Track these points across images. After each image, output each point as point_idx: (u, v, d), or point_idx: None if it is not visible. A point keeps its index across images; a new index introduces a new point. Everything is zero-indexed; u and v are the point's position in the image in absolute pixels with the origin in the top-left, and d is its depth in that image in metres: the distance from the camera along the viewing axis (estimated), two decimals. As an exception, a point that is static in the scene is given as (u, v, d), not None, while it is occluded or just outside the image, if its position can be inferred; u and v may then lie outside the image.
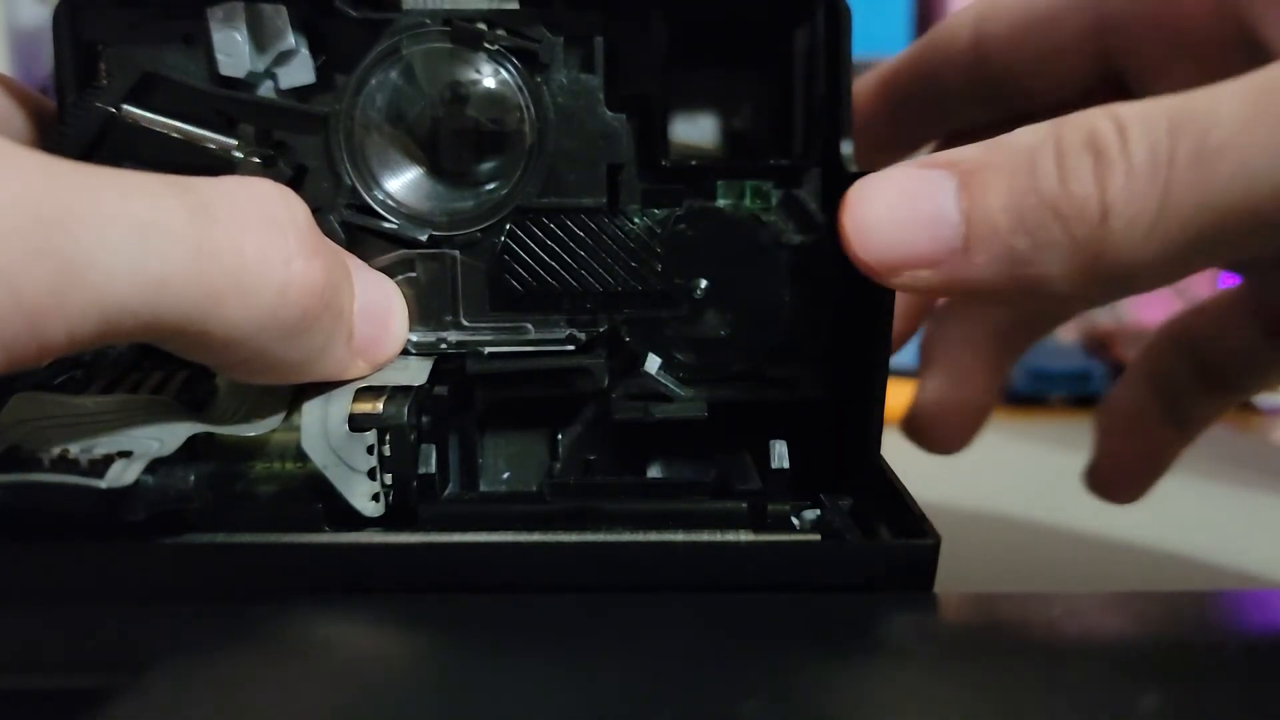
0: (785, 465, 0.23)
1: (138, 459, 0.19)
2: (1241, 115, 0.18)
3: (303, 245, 0.18)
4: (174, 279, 0.16)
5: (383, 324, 0.22)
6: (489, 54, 0.24)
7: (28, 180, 0.15)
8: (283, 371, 0.20)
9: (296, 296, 0.18)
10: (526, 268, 0.25)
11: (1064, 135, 0.19)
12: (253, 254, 0.17)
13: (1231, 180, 0.17)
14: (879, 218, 0.20)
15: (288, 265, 0.18)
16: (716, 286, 0.25)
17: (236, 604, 0.19)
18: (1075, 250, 0.19)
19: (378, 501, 0.21)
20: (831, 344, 0.25)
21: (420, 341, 0.24)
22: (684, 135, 0.27)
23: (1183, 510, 0.39)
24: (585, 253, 0.25)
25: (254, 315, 0.18)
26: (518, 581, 0.20)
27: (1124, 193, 0.18)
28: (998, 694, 0.17)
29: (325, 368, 0.21)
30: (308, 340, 0.19)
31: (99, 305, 0.16)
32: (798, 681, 0.17)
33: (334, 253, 0.20)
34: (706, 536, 0.21)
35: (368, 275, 0.22)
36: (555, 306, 0.25)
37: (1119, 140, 0.18)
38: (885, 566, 0.20)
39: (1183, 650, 0.18)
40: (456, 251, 0.25)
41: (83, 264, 0.15)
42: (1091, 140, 0.19)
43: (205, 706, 0.16)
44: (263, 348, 0.18)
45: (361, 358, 0.22)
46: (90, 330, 0.16)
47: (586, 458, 0.26)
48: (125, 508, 0.19)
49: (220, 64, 0.24)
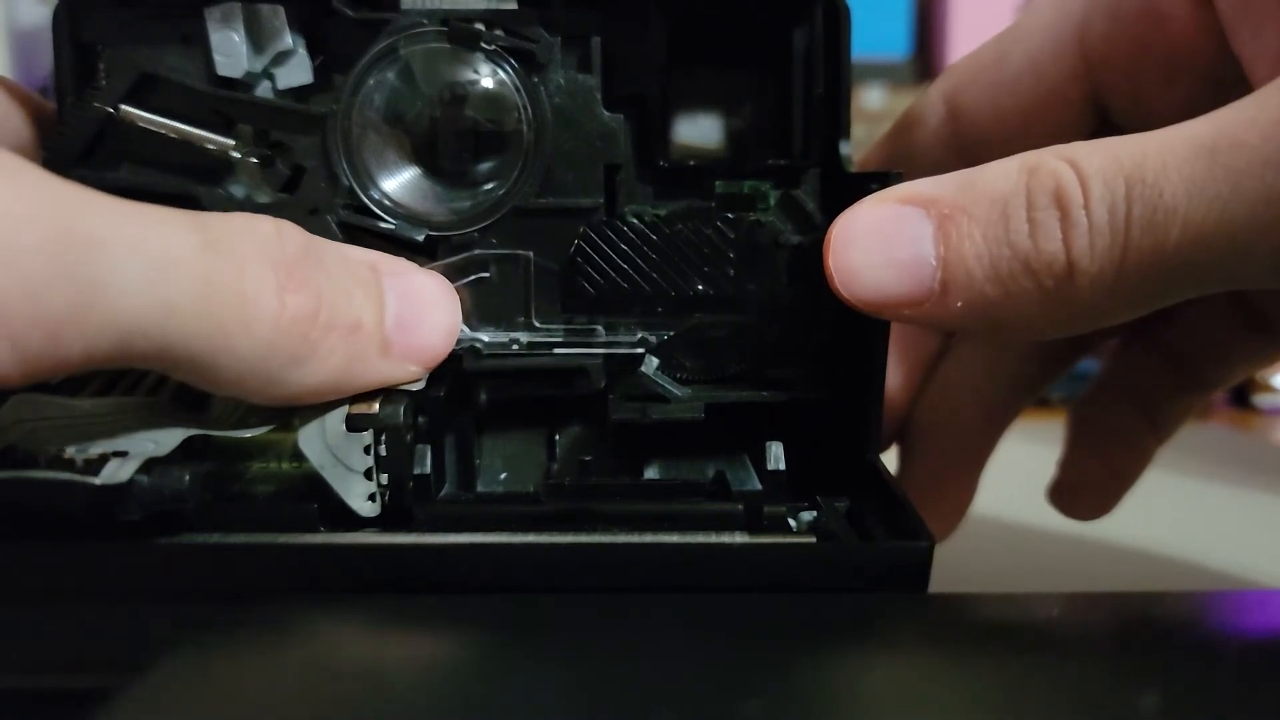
0: (781, 466, 0.23)
1: (133, 458, 0.19)
2: (1188, 177, 0.19)
3: (291, 278, 0.19)
4: (183, 308, 0.17)
5: (425, 327, 0.23)
6: (486, 54, 0.24)
7: (58, 203, 0.16)
8: (317, 392, 0.21)
9: (290, 325, 0.19)
10: (599, 270, 0.25)
11: (1033, 187, 0.20)
12: (250, 288, 0.19)
13: (1180, 243, 0.19)
14: (861, 262, 0.21)
15: (280, 297, 0.19)
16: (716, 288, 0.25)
17: (232, 603, 0.19)
18: (1044, 300, 0.20)
19: (374, 502, 0.21)
20: (829, 346, 0.25)
21: (492, 341, 0.25)
22: (683, 135, 0.27)
23: (1183, 510, 0.39)
24: (658, 256, 0.25)
25: (257, 345, 0.19)
26: (512, 582, 0.20)
27: (1087, 252, 0.19)
28: (996, 694, 0.16)
29: (365, 380, 0.21)
30: (323, 363, 0.20)
31: (115, 325, 0.17)
32: (791, 682, 0.17)
33: (343, 275, 0.21)
34: (702, 538, 0.21)
35: (408, 279, 0.23)
36: (627, 310, 0.25)
37: (1081, 198, 0.19)
38: (880, 568, 0.20)
39: (1183, 650, 0.18)
40: (530, 253, 0.25)
41: (102, 285, 0.16)
42: (1058, 195, 0.20)
43: (199, 706, 0.16)
44: (275, 375, 0.19)
45: (409, 362, 0.22)
46: (106, 349, 0.17)
47: (583, 458, 0.26)
48: (120, 507, 0.19)
49: (218, 64, 0.24)
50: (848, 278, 0.21)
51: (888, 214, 0.21)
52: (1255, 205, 0.18)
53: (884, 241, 0.21)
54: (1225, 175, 0.18)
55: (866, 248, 0.21)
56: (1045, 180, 0.20)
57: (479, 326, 0.25)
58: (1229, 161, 0.18)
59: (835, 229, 0.22)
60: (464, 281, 0.25)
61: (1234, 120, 0.19)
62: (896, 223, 0.21)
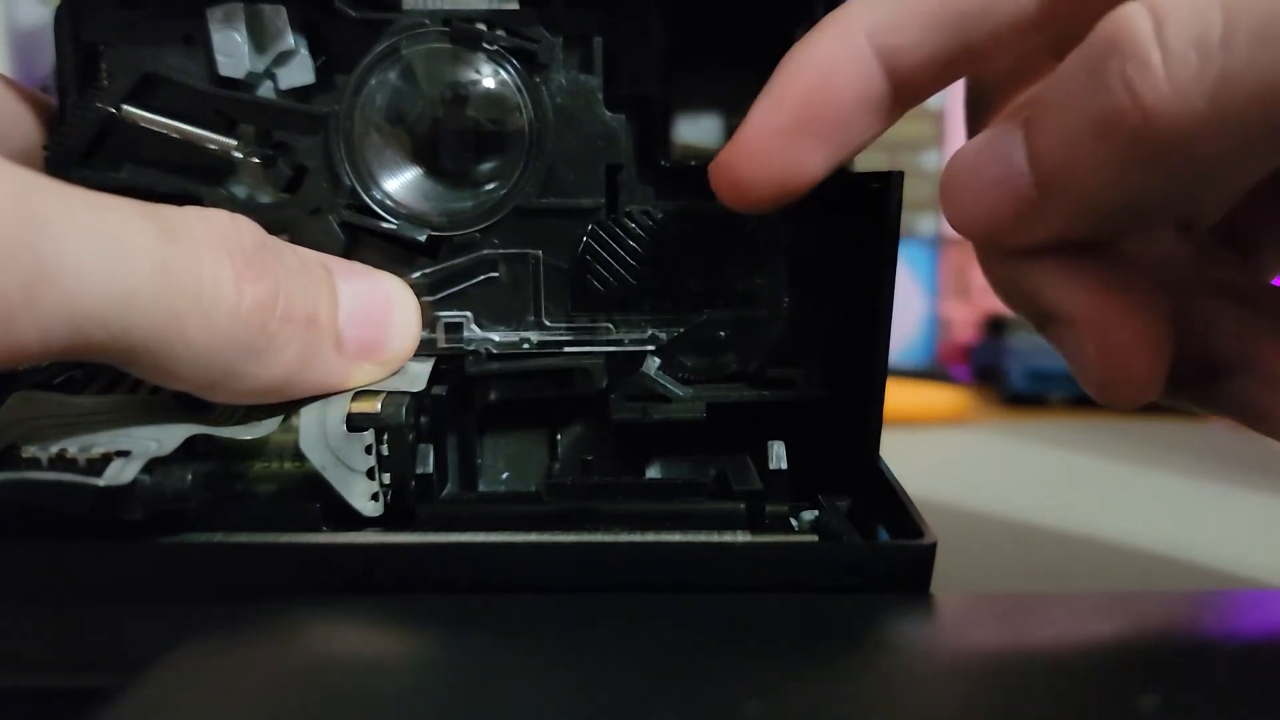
0: (783, 466, 0.23)
1: (135, 458, 0.19)
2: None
3: (250, 267, 0.19)
4: (140, 295, 0.17)
5: (380, 325, 0.22)
6: (488, 54, 0.24)
7: (8, 185, 0.16)
8: (272, 389, 0.20)
9: (249, 314, 0.19)
10: (608, 267, 0.25)
11: (1093, 40, 0.17)
12: (208, 275, 0.18)
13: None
14: (966, 196, 0.20)
15: (238, 285, 0.19)
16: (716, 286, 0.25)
17: (234, 603, 0.19)
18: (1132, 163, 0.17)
19: (376, 501, 0.21)
20: (830, 344, 0.25)
21: (502, 341, 0.25)
22: (684, 135, 0.27)
23: (1183, 510, 0.39)
24: (667, 252, 0.25)
25: (215, 335, 0.18)
26: (514, 582, 0.20)
27: (1164, 91, 0.16)
28: (996, 694, 0.17)
29: (318, 378, 0.21)
30: (279, 355, 0.20)
31: (70, 311, 0.16)
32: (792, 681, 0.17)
33: (298, 269, 0.21)
34: (704, 537, 0.21)
35: (361, 279, 0.22)
36: (637, 306, 0.25)
37: (1152, 31, 0.16)
38: (882, 568, 0.20)
39: (1183, 650, 0.18)
40: (540, 251, 0.25)
41: (55, 268, 0.16)
42: (1120, 37, 0.17)
43: (199, 706, 0.16)
44: (232, 366, 0.19)
45: (365, 361, 0.22)
46: (61, 337, 0.16)
47: (585, 458, 0.26)
48: (123, 507, 0.19)
49: (220, 64, 0.24)
50: (958, 216, 0.20)
51: (983, 138, 0.20)
52: None
53: (982, 163, 0.19)
54: None
55: (969, 178, 0.20)
56: (1105, 28, 0.17)
57: (489, 326, 0.25)
58: None
59: (944, 172, 0.20)
60: (473, 281, 0.25)
61: None
62: (991, 143, 0.19)
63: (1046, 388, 0.58)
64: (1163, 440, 0.49)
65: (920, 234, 0.72)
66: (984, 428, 0.54)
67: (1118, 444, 0.49)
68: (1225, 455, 0.47)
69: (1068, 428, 0.53)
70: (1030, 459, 0.47)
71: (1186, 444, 0.49)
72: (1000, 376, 0.60)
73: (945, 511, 0.37)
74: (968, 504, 0.38)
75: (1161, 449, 0.47)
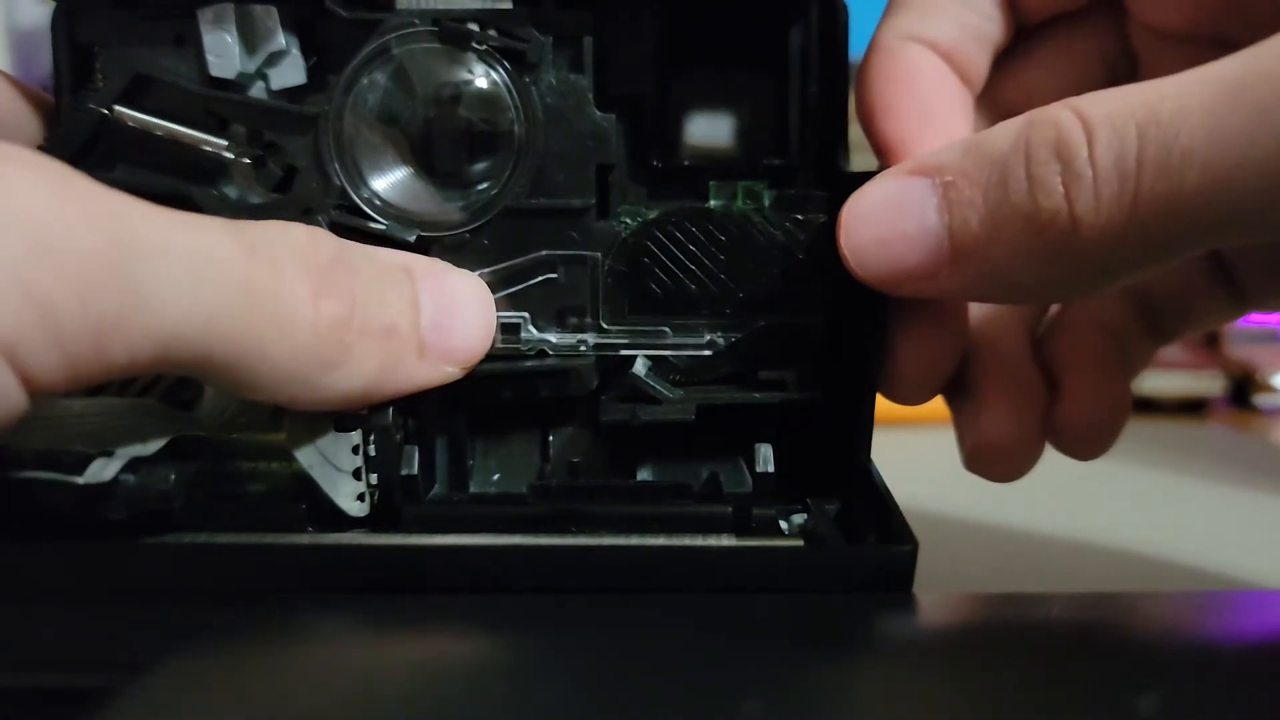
0: (770, 469, 0.23)
1: (117, 457, 0.19)
2: (1209, 115, 0.17)
3: (325, 283, 0.19)
4: (223, 314, 0.18)
5: (462, 327, 0.23)
6: (478, 54, 0.24)
7: (109, 210, 0.17)
8: (354, 397, 0.20)
9: (325, 331, 0.19)
10: (667, 271, 0.25)
11: (1032, 139, 0.19)
12: (286, 293, 0.19)
13: (1200, 187, 0.17)
14: (871, 239, 0.21)
15: (314, 302, 0.19)
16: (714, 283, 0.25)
17: (219, 603, 0.19)
18: (1055, 258, 0.19)
19: (363, 501, 0.21)
20: (821, 347, 0.25)
21: (560, 344, 0.25)
22: (676, 135, 0.27)
23: (1183, 510, 0.38)
24: (725, 257, 0.25)
25: (293, 350, 0.19)
26: (497, 583, 0.20)
27: (1092, 205, 0.18)
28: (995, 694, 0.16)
29: (401, 384, 0.21)
30: (358, 367, 0.20)
31: (158, 331, 0.17)
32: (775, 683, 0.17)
33: (375, 280, 0.21)
34: (689, 541, 0.21)
35: (442, 281, 0.23)
36: (694, 311, 0.25)
37: (1085, 146, 0.18)
38: (865, 572, 0.20)
39: (1182, 650, 0.18)
40: (599, 254, 0.25)
41: (148, 291, 0.17)
42: (1059, 146, 0.19)
43: (187, 706, 0.16)
44: (311, 380, 0.19)
45: (446, 364, 0.22)
46: (148, 354, 0.17)
47: (573, 460, 0.26)
48: (106, 506, 0.19)
49: (211, 65, 0.24)
50: (859, 255, 0.21)
51: (894, 187, 0.21)
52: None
53: (892, 215, 0.21)
54: (1253, 110, 0.17)
55: (876, 223, 0.21)
56: (1045, 132, 0.19)
57: (545, 328, 0.25)
58: (1257, 95, 0.17)
59: (846, 208, 0.22)
60: (532, 282, 0.25)
61: (1264, 53, 0.17)
62: (903, 195, 0.21)
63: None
64: (1162, 440, 0.49)
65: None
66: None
67: (1117, 444, 0.48)
68: (1225, 455, 0.47)
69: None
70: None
71: (1186, 444, 0.49)
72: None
73: (939, 513, 0.37)
74: (963, 505, 0.38)
75: (1161, 449, 0.47)
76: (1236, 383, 0.57)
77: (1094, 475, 0.43)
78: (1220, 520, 0.38)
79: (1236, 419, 0.55)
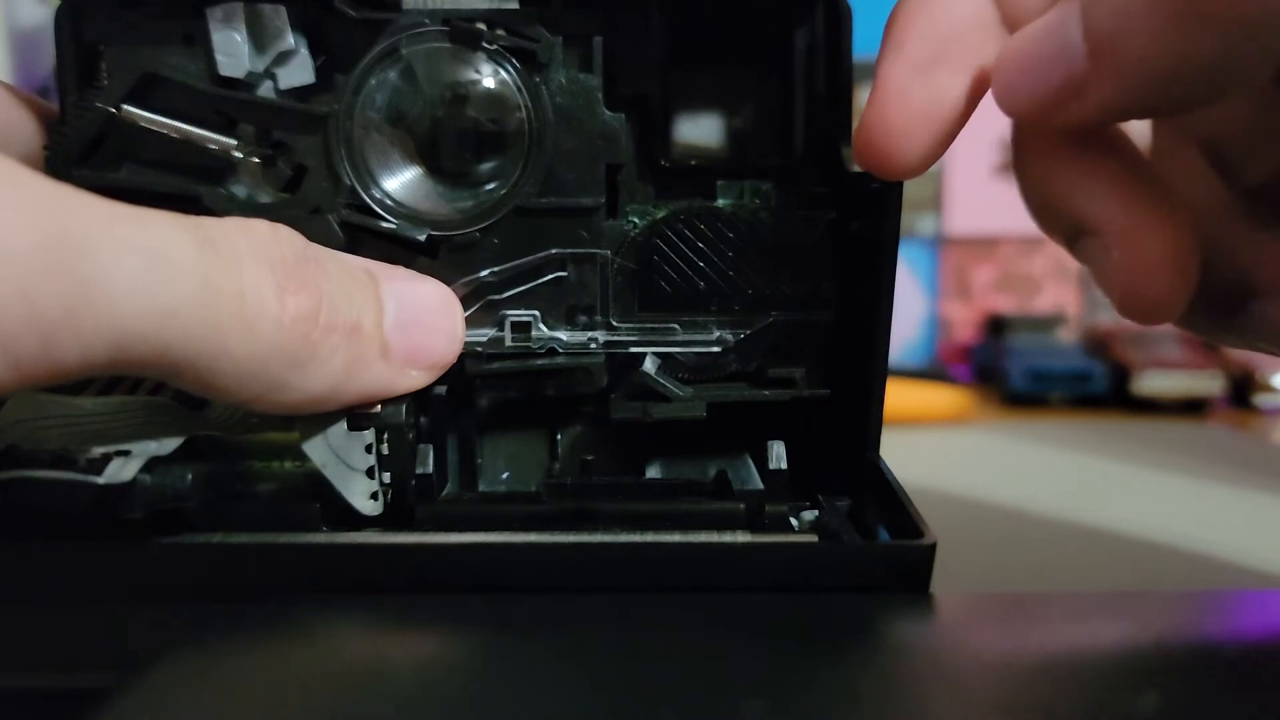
0: (783, 466, 0.23)
1: (135, 457, 0.19)
2: None
3: (291, 278, 0.19)
4: (182, 310, 0.17)
5: (426, 331, 0.22)
6: (488, 54, 0.24)
7: (51, 204, 0.16)
8: (319, 398, 0.20)
9: (292, 326, 0.19)
10: (675, 269, 0.25)
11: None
12: (250, 288, 0.18)
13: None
14: (1016, 67, 0.20)
15: (280, 297, 0.19)
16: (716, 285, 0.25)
17: (234, 603, 0.19)
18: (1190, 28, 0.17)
19: (376, 500, 0.21)
20: (830, 344, 0.25)
21: (570, 342, 0.25)
22: (684, 135, 0.27)
23: (1183, 509, 0.39)
24: (733, 255, 0.25)
25: (258, 347, 0.18)
26: (514, 582, 0.20)
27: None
28: (996, 695, 0.17)
29: (365, 386, 0.21)
30: (324, 366, 0.20)
31: (111, 328, 0.16)
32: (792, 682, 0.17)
33: (341, 277, 0.21)
34: (703, 537, 0.21)
35: (406, 284, 0.22)
36: (703, 308, 0.25)
37: None
38: (882, 568, 0.20)
39: (1183, 650, 0.18)
40: (608, 251, 0.25)
41: (97, 286, 0.16)
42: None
43: (198, 706, 0.16)
44: (276, 378, 0.19)
45: (411, 367, 0.22)
46: (102, 354, 0.16)
47: (585, 458, 0.26)
48: (123, 505, 0.19)
49: (220, 64, 0.24)
50: (1005, 92, 0.20)
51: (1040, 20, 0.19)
52: None
53: (1037, 42, 0.19)
54: None
55: (1021, 56, 0.20)
56: None
57: (555, 326, 0.25)
58: None
59: (998, 54, 0.20)
60: (541, 281, 0.25)
61: None
62: (1047, 22, 0.19)
63: (1046, 388, 0.58)
64: (1163, 440, 0.49)
65: (920, 234, 0.72)
66: (984, 428, 0.54)
67: (1118, 444, 0.49)
68: (1225, 455, 0.47)
69: (1068, 428, 0.53)
70: (1030, 459, 0.47)
71: (1186, 444, 0.49)
72: (1000, 376, 0.60)
73: (945, 511, 0.37)
74: (967, 504, 0.38)
75: (1161, 449, 0.47)
76: (1236, 383, 0.57)
77: (1094, 475, 0.44)
78: (1220, 520, 0.38)
79: (1236, 419, 0.55)
